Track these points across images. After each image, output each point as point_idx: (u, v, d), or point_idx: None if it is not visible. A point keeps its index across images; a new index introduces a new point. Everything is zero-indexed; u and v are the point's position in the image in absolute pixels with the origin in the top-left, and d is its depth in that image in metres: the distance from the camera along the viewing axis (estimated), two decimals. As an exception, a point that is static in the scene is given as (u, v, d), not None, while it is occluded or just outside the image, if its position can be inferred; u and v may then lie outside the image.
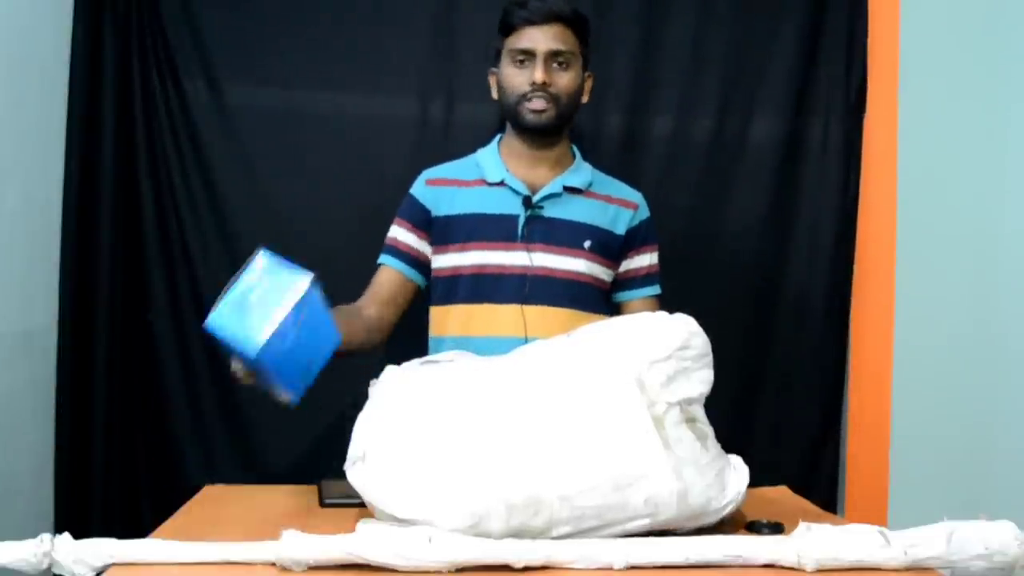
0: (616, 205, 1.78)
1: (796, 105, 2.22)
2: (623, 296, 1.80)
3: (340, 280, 2.12)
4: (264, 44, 2.13)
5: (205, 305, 2.13)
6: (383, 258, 1.81)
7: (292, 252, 2.12)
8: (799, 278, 2.22)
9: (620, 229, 1.76)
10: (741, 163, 2.21)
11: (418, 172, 2.16)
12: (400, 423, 1.24)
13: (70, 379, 2.03)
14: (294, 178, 2.14)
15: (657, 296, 1.81)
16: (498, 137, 1.83)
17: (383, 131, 2.14)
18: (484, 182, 1.77)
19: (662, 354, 1.26)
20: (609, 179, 1.82)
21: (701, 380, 1.29)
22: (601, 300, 1.76)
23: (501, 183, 1.75)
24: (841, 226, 2.22)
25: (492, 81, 1.78)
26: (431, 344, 1.77)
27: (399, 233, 1.80)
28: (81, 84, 2.04)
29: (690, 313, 1.35)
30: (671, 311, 1.37)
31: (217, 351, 2.13)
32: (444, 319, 1.75)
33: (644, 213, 1.81)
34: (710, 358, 1.30)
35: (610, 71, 2.15)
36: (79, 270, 2.04)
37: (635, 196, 1.81)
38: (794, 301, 2.23)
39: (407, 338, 1.80)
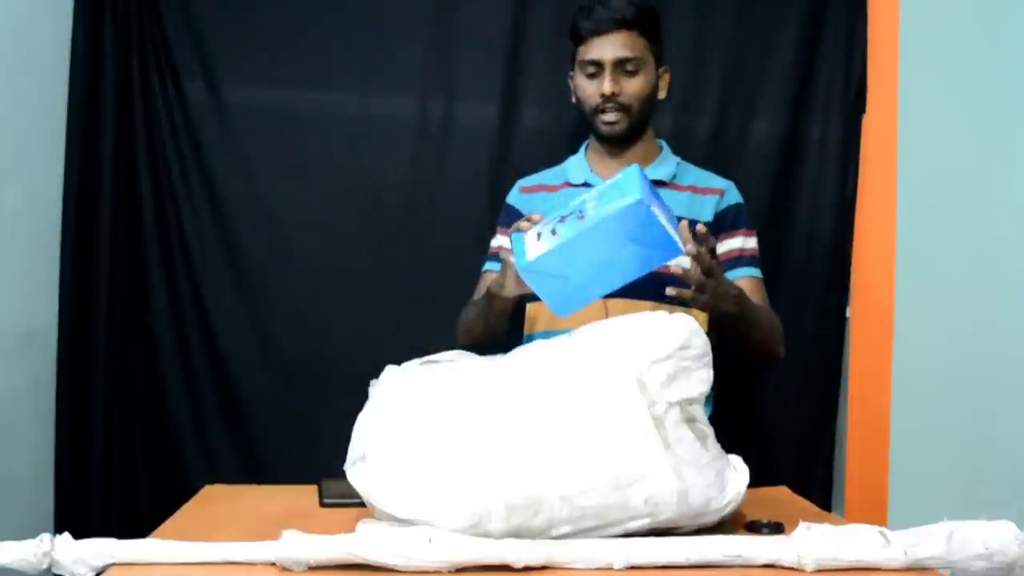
0: (701, 194, 1.78)
1: (796, 104, 2.21)
2: None
3: (340, 279, 2.14)
4: (264, 45, 2.13)
5: (205, 305, 2.14)
6: (489, 265, 1.85)
7: (291, 252, 2.15)
8: (797, 277, 2.22)
9: (707, 215, 1.76)
10: (740, 162, 2.21)
11: (418, 172, 2.17)
12: (400, 423, 1.23)
13: (70, 379, 2.03)
14: (294, 178, 2.14)
15: (756, 278, 1.78)
16: (585, 143, 1.88)
17: (382, 131, 2.14)
18: (569, 184, 1.82)
19: (662, 354, 1.26)
20: (697, 170, 1.83)
21: (701, 380, 1.29)
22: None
23: (585, 183, 1.78)
24: (839, 225, 2.22)
25: (572, 87, 1.80)
26: (524, 340, 1.78)
27: (503, 241, 1.81)
28: (81, 84, 2.04)
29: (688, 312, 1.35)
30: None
31: (216, 352, 2.15)
32: (536, 315, 1.77)
33: (733, 198, 1.80)
34: (710, 358, 1.30)
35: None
36: (79, 270, 2.04)
37: (723, 183, 1.82)
38: (792, 300, 2.22)
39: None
